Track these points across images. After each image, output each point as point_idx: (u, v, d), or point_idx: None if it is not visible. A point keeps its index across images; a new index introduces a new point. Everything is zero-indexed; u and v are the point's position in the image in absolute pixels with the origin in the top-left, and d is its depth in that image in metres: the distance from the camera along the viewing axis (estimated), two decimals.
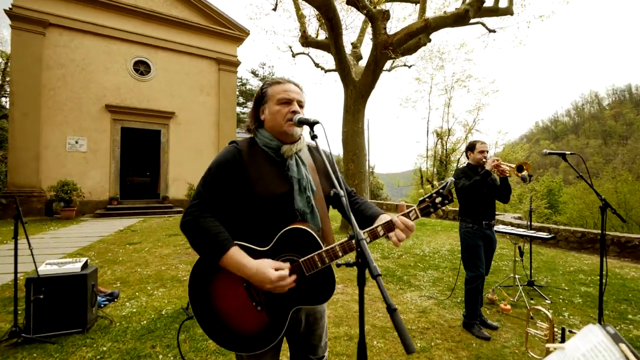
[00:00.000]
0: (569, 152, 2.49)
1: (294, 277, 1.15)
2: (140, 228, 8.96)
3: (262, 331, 1.18)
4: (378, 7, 8.37)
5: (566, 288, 4.23)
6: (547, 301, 3.72)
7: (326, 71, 13.06)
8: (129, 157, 15.06)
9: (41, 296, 2.73)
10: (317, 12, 11.13)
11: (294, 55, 12.71)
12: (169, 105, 13.73)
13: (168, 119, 13.67)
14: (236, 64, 15.61)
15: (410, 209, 1.19)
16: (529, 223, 4.58)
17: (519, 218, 10.01)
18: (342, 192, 1.01)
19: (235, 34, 15.34)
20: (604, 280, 2.34)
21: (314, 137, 1.18)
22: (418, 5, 10.45)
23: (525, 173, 2.78)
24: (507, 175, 3.00)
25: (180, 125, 14.00)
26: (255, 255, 1.16)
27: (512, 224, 8.10)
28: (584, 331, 1.08)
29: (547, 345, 1.12)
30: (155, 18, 13.41)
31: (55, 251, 6.05)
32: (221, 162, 1.24)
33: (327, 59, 13.41)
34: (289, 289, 1.14)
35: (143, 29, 13.22)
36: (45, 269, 2.92)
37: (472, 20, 8.86)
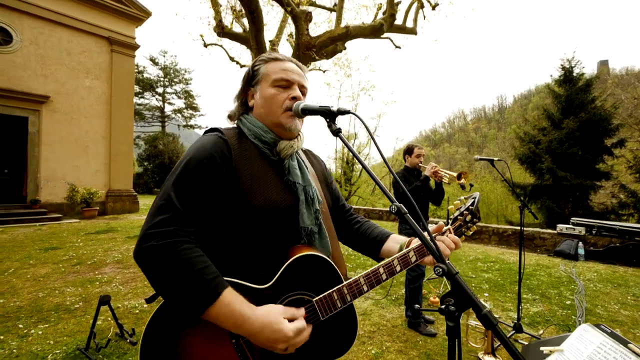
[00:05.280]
0: (496, 159, 2.82)
1: (310, 328, 0.86)
2: None
3: None
4: (301, 7, 8.36)
5: (473, 275, 4.90)
6: None
7: (242, 66, 12.45)
8: None
9: None
10: (232, 4, 10.53)
11: (206, 46, 11.74)
12: (41, 88, 10.97)
13: (39, 104, 10.91)
14: (134, 47, 13.53)
15: (445, 229, 1.02)
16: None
17: None
18: (404, 208, 0.76)
19: (134, 12, 13.28)
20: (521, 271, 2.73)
21: (336, 132, 0.87)
22: (333, 13, 10.93)
23: (463, 181, 3.00)
24: (444, 181, 3.24)
25: (57, 113, 11.34)
26: (251, 296, 0.83)
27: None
28: (579, 332, 1.04)
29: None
30: None
31: None
32: (202, 159, 0.87)
33: (240, 53, 12.83)
34: None
35: None
36: None
37: (383, 35, 9.69)
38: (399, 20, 9.44)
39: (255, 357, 0.85)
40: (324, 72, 14.51)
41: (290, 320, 0.83)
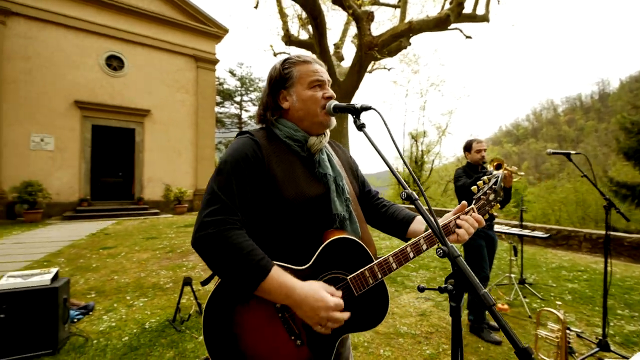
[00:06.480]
0: (573, 152, 2.49)
1: (348, 313, 0.96)
2: (115, 231, 8.44)
3: None
4: (363, 8, 8.42)
5: (553, 285, 4.37)
6: (539, 299, 3.81)
7: None
8: (100, 156, 14.26)
9: (1, 315, 2.40)
10: (299, 13, 11.08)
11: (275, 55, 12.56)
12: (145, 103, 13.11)
13: (143, 117, 13.05)
14: (215, 61, 15.19)
15: (468, 208, 1.06)
16: (520, 223, 4.71)
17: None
18: (415, 195, 0.84)
19: (214, 31, 14.92)
20: (608, 280, 2.40)
21: (360, 127, 0.96)
22: (397, 10, 10.69)
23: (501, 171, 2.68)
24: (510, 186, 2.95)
25: (156, 124, 13.40)
26: (293, 275, 0.93)
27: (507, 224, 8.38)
28: None
29: None
30: (130, 12, 12.76)
31: (19, 258, 5.55)
32: (238, 158, 0.98)
33: None
34: None
35: (116, 22, 12.54)
36: (6, 282, 2.56)
37: (450, 26, 9.12)
38: (467, 9, 8.81)
39: (298, 327, 0.96)
40: (389, 70, 14.31)
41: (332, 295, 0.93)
